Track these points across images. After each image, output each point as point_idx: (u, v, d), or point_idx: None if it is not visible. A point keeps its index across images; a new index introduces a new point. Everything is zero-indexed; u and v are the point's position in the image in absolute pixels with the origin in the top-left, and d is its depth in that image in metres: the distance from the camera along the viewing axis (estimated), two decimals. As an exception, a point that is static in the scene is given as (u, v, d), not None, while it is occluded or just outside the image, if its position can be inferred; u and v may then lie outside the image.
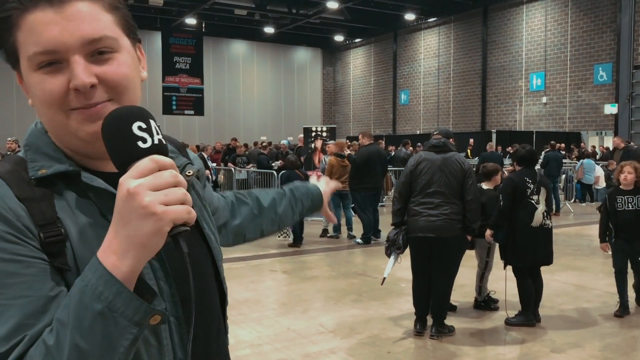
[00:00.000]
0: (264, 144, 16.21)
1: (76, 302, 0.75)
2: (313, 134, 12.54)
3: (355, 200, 9.79)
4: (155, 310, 0.77)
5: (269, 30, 34.01)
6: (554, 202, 12.01)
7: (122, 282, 0.75)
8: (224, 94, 35.83)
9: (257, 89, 37.75)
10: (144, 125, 0.80)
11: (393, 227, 5.21)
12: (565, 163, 15.20)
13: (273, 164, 14.00)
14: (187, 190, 0.92)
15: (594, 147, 20.78)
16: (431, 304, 5.16)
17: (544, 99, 25.93)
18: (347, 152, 10.09)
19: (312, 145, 12.42)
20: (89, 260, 0.79)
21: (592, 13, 23.96)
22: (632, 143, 15.13)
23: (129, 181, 0.75)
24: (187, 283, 0.82)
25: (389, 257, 5.25)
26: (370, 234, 9.74)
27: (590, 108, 24.25)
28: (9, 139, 10.94)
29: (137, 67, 0.95)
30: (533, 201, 5.28)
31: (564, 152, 16.50)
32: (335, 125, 14.21)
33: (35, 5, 0.85)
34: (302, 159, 12.85)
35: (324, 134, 12.42)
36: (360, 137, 10.20)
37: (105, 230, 0.78)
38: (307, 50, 39.39)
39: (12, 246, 0.81)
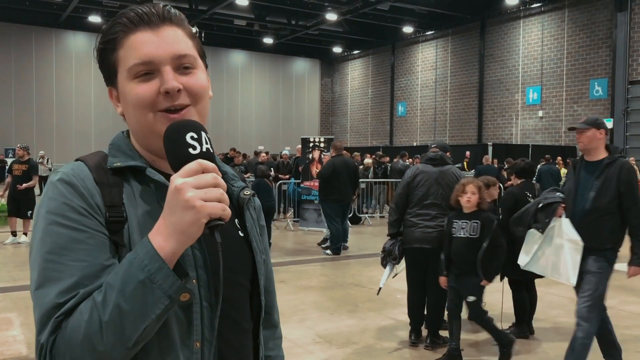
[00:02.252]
0: (262, 154, 16.32)
1: (125, 270, 0.91)
2: (311, 144, 12.61)
3: (324, 210, 9.98)
4: (186, 288, 0.94)
5: (268, 40, 34.21)
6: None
7: (165, 260, 0.91)
8: (222, 104, 35.90)
9: (255, 99, 37.85)
10: (195, 136, 0.98)
11: (389, 237, 5.28)
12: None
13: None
14: (242, 208, 1.21)
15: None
16: (426, 315, 5.22)
17: (540, 113, 26.10)
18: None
19: (310, 155, 12.49)
20: (140, 240, 0.96)
21: (588, 29, 24.19)
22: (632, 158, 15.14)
23: (177, 179, 0.92)
24: (219, 271, 0.97)
25: (385, 267, 5.31)
26: (340, 244, 9.88)
27: (585, 122, 24.39)
28: (19, 145, 10.79)
29: (209, 84, 1.16)
30: None
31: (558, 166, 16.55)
32: (332, 136, 14.28)
33: (137, 28, 1.08)
34: (301, 168, 12.91)
35: (322, 145, 12.50)
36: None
37: (159, 215, 0.95)
38: (305, 61, 39.57)
39: (82, 218, 1.00)
